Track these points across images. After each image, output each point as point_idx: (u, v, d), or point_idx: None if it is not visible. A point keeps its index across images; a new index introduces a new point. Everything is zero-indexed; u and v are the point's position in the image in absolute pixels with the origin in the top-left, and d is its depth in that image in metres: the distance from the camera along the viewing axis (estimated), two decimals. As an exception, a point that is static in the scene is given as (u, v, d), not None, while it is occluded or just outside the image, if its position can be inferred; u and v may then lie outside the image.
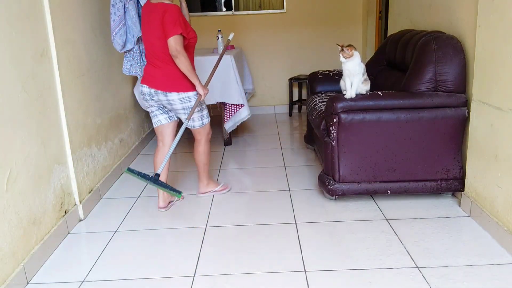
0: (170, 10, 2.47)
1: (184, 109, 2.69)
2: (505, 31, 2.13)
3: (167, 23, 2.46)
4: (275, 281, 2.03)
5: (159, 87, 2.62)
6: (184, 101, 2.66)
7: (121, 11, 3.00)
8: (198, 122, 2.79)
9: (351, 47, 2.66)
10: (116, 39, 3.03)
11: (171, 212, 2.82)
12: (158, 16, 2.49)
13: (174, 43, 2.46)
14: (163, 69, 2.61)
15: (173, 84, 2.61)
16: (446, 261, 2.11)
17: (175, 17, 2.46)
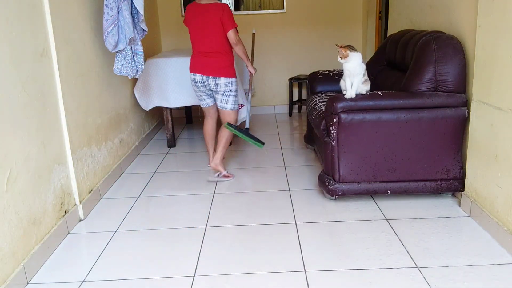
0: (227, 8, 3.09)
1: (225, 91, 3.22)
2: (505, 31, 2.13)
3: (226, 19, 3.04)
4: (275, 281, 2.03)
5: (211, 73, 3.16)
6: (228, 85, 3.20)
7: (114, 11, 3.00)
8: (230, 105, 3.28)
9: (347, 47, 2.66)
10: (108, 39, 3.03)
11: (171, 212, 2.82)
12: (216, 14, 3.04)
13: (234, 34, 3.07)
14: (216, 59, 3.15)
15: (222, 71, 3.16)
16: (446, 261, 2.11)
17: (231, 14, 3.09)
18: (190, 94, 4.07)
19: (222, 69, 3.16)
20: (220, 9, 3.05)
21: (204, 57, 3.17)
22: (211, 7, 3.06)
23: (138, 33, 3.27)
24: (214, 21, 3.05)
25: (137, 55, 3.31)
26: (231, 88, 3.22)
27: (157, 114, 4.88)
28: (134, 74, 3.33)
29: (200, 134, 4.76)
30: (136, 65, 3.32)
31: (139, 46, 3.30)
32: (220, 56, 3.16)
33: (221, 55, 3.15)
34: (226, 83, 3.18)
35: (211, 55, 3.14)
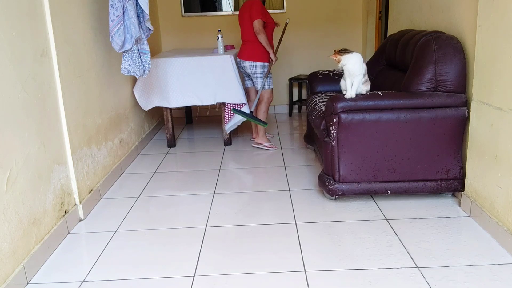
0: (256, 2, 3.79)
1: (252, 73, 3.95)
2: (505, 31, 2.13)
3: (253, 12, 3.75)
4: (275, 281, 2.03)
5: (241, 57, 3.94)
6: (252, 68, 3.90)
7: (120, 11, 3.00)
8: (260, 85, 3.96)
9: (338, 53, 2.68)
10: (115, 39, 3.03)
11: (171, 212, 2.82)
12: (248, 8, 3.80)
13: (257, 24, 3.73)
14: (246, 45, 3.91)
15: (247, 55, 3.89)
16: (446, 261, 2.11)
17: (259, 8, 3.75)
18: (190, 94, 4.07)
19: (247, 54, 3.88)
20: (250, 4, 3.78)
21: (242, 44, 3.99)
22: (247, 3, 3.84)
23: (144, 32, 3.26)
24: (246, 15, 3.81)
25: (144, 54, 3.31)
26: (256, 71, 3.89)
27: (157, 114, 4.88)
28: (141, 73, 3.32)
29: (200, 134, 4.76)
30: (143, 64, 3.32)
31: (146, 46, 3.29)
32: (248, 44, 3.88)
33: (250, 43, 3.86)
34: (250, 66, 3.89)
35: (244, 42, 3.92)
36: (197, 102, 4.09)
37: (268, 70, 3.91)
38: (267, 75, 3.94)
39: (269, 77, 3.95)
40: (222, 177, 3.39)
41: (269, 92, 4.02)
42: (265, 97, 4.00)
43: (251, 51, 3.86)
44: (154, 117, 4.78)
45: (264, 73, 3.89)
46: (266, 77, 3.92)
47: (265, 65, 3.88)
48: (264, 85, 3.94)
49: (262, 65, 3.88)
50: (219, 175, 3.45)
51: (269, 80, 3.97)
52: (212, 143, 4.36)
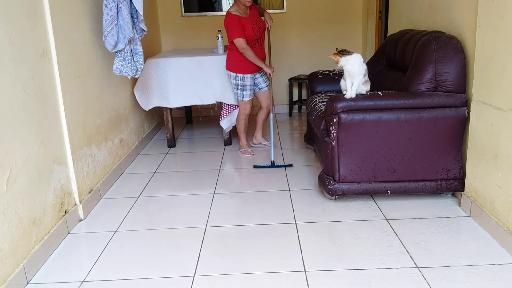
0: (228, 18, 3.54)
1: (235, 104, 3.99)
2: (505, 31, 2.13)
3: (228, 30, 3.55)
4: (275, 281, 2.03)
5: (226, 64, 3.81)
6: (228, 77, 3.80)
7: (114, 11, 3.00)
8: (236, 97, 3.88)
9: (337, 54, 2.68)
10: (108, 39, 3.03)
11: (171, 212, 2.82)
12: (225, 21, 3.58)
13: (238, 44, 3.52)
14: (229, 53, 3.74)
15: (227, 64, 3.75)
16: (446, 261, 2.11)
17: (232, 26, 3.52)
18: (190, 94, 4.07)
19: (228, 61, 3.73)
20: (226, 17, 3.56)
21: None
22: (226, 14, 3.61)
23: (137, 33, 3.27)
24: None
25: (137, 55, 3.31)
26: (231, 81, 3.76)
27: (157, 114, 4.88)
28: (133, 74, 3.32)
29: (200, 134, 4.76)
30: (135, 65, 3.32)
31: (139, 46, 3.29)
32: (230, 51, 3.72)
33: (231, 51, 3.70)
34: (228, 75, 3.80)
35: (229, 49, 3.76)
36: (197, 101, 4.09)
37: (270, 81, 3.82)
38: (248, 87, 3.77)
39: (244, 88, 3.75)
40: (222, 177, 3.39)
41: (242, 104, 3.85)
42: (240, 108, 3.86)
43: (228, 58, 3.73)
44: (154, 117, 4.78)
45: (237, 85, 3.73)
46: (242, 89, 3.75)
47: (238, 76, 3.69)
48: (237, 96, 3.82)
49: (234, 76, 3.71)
50: (219, 175, 3.45)
51: (243, 93, 3.77)
52: (212, 143, 4.36)
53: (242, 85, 3.71)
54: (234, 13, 3.51)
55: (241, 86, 3.72)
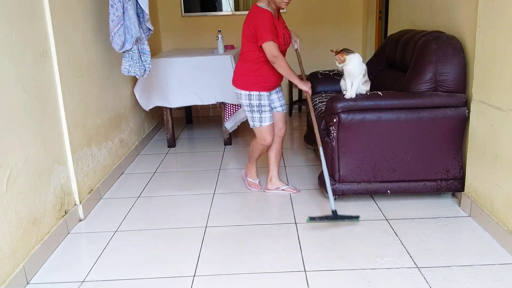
0: (260, 15, 2.61)
1: (240, 104, 2.97)
2: (505, 31, 2.13)
3: (257, 30, 2.61)
4: (275, 281, 2.03)
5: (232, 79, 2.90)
6: (238, 97, 2.85)
7: (120, 11, 3.00)
8: (249, 122, 2.91)
9: (343, 52, 2.66)
10: (115, 39, 3.03)
11: (171, 212, 2.82)
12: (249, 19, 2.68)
13: (268, 49, 2.60)
14: (237, 64, 2.86)
15: (235, 79, 2.84)
16: (446, 261, 2.11)
17: (264, 24, 2.59)
18: (190, 94, 4.07)
19: (236, 76, 2.83)
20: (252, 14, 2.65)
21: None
22: (251, 10, 2.69)
23: (144, 33, 3.26)
24: (245, 25, 2.71)
25: (144, 55, 3.31)
26: (242, 102, 2.81)
27: (157, 114, 4.88)
28: (142, 73, 3.32)
29: (200, 134, 4.76)
30: (143, 64, 3.32)
31: (146, 46, 3.29)
32: (239, 63, 2.83)
33: (240, 62, 2.81)
34: (236, 94, 2.84)
35: (238, 60, 2.85)
36: (197, 101, 4.09)
37: (308, 101, 2.84)
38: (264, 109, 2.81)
39: (261, 109, 2.79)
40: (222, 177, 3.39)
41: (259, 132, 2.85)
42: (257, 136, 2.90)
43: (237, 72, 2.82)
44: (154, 117, 4.78)
45: (251, 106, 2.78)
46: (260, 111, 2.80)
47: (252, 95, 2.75)
48: (252, 121, 2.84)
49: (247, 95, 2.76)
50: (219, 175, 3.45)
51: (260, 117, 2.81)
52: (212, 143, 4.36)
53: (259, 106, 2.78)
54: (267, 9, 2.64)
55: (257, 107, 2.78)
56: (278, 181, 3.06)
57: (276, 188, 3.05)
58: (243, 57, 2.77)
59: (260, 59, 2.71)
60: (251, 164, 3.10)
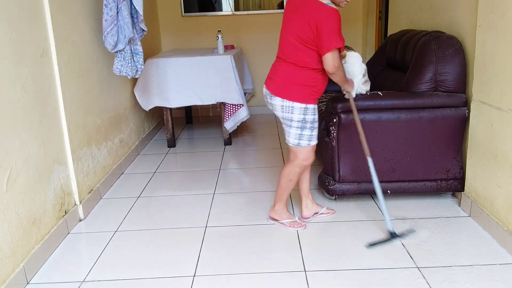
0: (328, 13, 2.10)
1: (283, 119, 2.36)
2: (505, 31, 2.13)
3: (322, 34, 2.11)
4: (275, 281, 2.03)
5: (270, 87, 2.34)
6: (286, 110, 2.31)
7: (114, 11, 3.00)
8: (293, 139, 2.36)
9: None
10: (108, 39, 3.03)
11: (171, 212, 2.82)
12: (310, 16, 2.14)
13: (331, 60, 2.16)
14: (282, 68, 2.30)
15: (282, 88, 2.29)
16: (446, 261, 2.11)
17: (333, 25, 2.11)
18: (191, 94, 4.07)
19: (284, 85, 2.29)
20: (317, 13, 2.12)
21: (275, 64, 2.37)
22: (309, 3, 2.16)
23: (137, 33, 3.27)
24: (303, 21, 2.17)
25: (137, 55, 3.31)
26: (291, 116, 2.30)
27: (157, 114, 4.88)
28: (133, 74, 3.33)
29: (200, 134, 4.76)
30: (135, 65, 3.32)
31: (139, 46, 3.30)
32: (289, 68, 2.28)
33: (292, 67, 2.27)
34: (282, 107, 2.30)
35: (281, 62, 2.32)
36: (197, 102, 4.09)
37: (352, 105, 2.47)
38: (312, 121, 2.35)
39: (304, 127, 2.33)
40: (222, 177, 3.39)
41: (305, 151, 2.39)
42: (299, 157, 2.40)
43: (287, 82, 2.28)
44: (154, 117, 4.78)
45: (305, 122, 2.32)
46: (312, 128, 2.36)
47: (308, 109, 2.30)
48: (299, 139, 2.36)
49: (303, 109, 2.29)
50: (219, 175, 3.45)
51: (311, 134, 2.36)
52: (212, 143, 4.36)
53: (312, 122, 2.34)
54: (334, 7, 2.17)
55: (311, 123, 2.33)
56: (314, 204, 2.66)
57: (314, 213, 2.64)
58: (294, 60, 2.25)
59: (318, 65, 2.25)
60: (283, 202, 2.54)
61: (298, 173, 2.45)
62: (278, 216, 2.55)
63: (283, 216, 2.55)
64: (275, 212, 2.56)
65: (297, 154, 2.39)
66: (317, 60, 2.22)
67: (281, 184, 2.49)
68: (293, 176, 2.45)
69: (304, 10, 2.17)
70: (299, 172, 2.45)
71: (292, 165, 2.43)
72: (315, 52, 2.20)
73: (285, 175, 2.46)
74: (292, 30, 2.23)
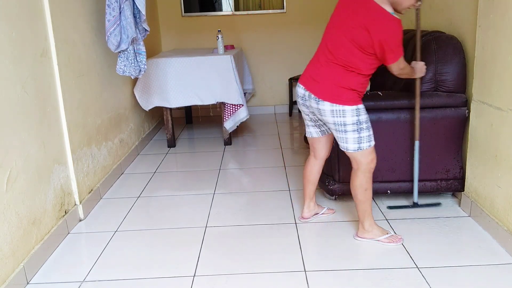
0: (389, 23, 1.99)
1: (335, 125, 2.18)
2: (505, 31, 2.13)
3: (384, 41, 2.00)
4: (275, 281, 2.03)
5: (315, 90, 2.17)
6: (337, 114, 2.15)
7: (116, 11, 3.01)
8: (352, 144, 2.20)
9: None
10: (111, 39, 3.04)
11: (171, 212, 2.82)
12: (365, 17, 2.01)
13: (397, 68, 2.14)
14: (329, 70, 2.14)
15: (331, 92, 2.13)
16: (446, 261, 2.11)
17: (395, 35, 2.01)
18: (190, 94, 4.07)
19: (332, 89, 2.13)
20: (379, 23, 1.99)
21: (319, 65, 2.20)
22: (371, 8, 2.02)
23: (140, 33, 3.27)
24: (361, 26, 2.02)
25: (140, 55, 3.31)
26: (344, 120, 2.15)
27: (157, 114, 4.88)
28: (137, 74, 3.32)
29: (200, 134, 4.76)
30: (138, 64, 3.32)
31: (142, 46, 3.30)
32: (335, 70, 2.13)
33: (341, 71, 2.12)
34: (333, 111, 2.14)
35: (329, 64, 2.15)
36: (197, 101, 4.09)
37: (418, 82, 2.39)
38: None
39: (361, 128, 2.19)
40: (222, 177, 3.39)
41: (368, 154, 2.24)
42: (363, 162, 2.24)
43: (336, 86, 2.13)
44: (154, 117, 4.78)
45: (360, 123, 2.17)
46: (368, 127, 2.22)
47: (360, 109, 2.16)
48: (359, 142, 2.20)
49: (355, 110, 2.14)
50: (219, 175, 3.45)
51: (369, 134, 2.22)
52: (212, 143, 4.36)
53: (367, 120, 2.21)
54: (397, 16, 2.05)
55: (365, 122, 2.20)
56: (315, 205, 2.64)
57: (314, 214, 2.62)
58: (345, 63, 2.10)
59: (369, 72, 2.17)
60: (369, 217, 2.33)
61: (370, 178, 2.27)
62: (371, 234, 2.32)
63: (376, 233, 2.32)
64: (366, 231, 2.33)
65: (360, 159, 2.22)
66: (370, 67, 2.13)
67: (358, 198, 2.29)
68: (367, 184, 2.26)
69: (362, 13, 2.02)
70: (370, 177, 2.27)
71: (360, 173, 2.25)
72: (370, 59, 2.10)
73: (357, 187, 2.26)
74: (346, 32, 2.08)
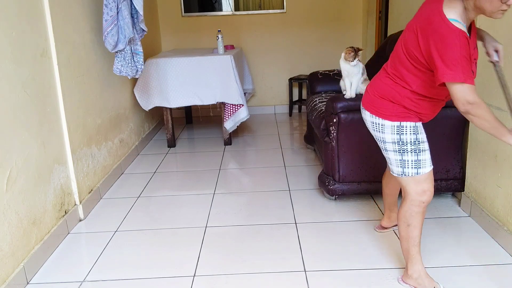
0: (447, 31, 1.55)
1: (377, 139, 1.93)
2: (505, 31, 2.13)
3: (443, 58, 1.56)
4: (275, 281, 2.03)
5: (363, 99, 1.96)
6: (377, 128, 1.87)
7: (114, 11, 3.00)
8: (396, 168, 1.87)
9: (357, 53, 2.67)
10: (108, 39, 3.03)
11: (171, 212, 2.82)
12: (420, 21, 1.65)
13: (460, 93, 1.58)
14: (379, 79, 1.88)
15: (372, 102, 1.88)
16: (446, 261, 2.11)
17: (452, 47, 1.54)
18: (190, 94, 4.07)
19: (375, 99, 1.86)
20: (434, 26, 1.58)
21: (376, 75, 1.95)
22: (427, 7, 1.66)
23: (137, 33, 3.27)
24: (412, 28, 1.69)
25: (137, 55, 3.32)
26: (383, 137, 1.86)
27: (157, 114, 4.88)
28: (133, 74, 3.33)
29: (200, 134, 4.76)
30: (135, 65, 3.32)
31: (139, 46, 3.30)
32: (385, 80, 1.83)
33: (388, 81, 1.82)
34: (373, 123, 1.89)
35: (380, 73, 1.91)
36: (197, 101, 4.09)
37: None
38: None
39: (419, 147, 1.85)
40: (222, 177, 3.39)
41: (416, 183, 1.84)
42: (410, 192, 1.85)
43: (378, 96, 1.85)
44: (154, 117, 4.78)
45: (403, 144, 1.83)
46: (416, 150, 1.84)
47: (403, 127, 1.82)
48: (403, 166, 1.84)
49: (396, 127, 1.82)
50: (219, 175, 3.45)
51: (419, 159, 1.84)
52: (212, 143, 4.36)
53: (415, 142, 1.85)
54: (461, 27, 1.56)
55: (412, 143, 1.84)
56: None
57: (394, 225, 2.42)
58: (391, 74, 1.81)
59: (421, 90, 1.76)
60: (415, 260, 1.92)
61: (417, 214, 1.85)
62: (416, 283, 1.91)
63: (424, 284, 1.90)
64: (410, 277, 1.93)
65: (405, 187, 1.86)
66: (422, 83, 1.73)
67: (402, 235, 1.92)
68: (411, 219, 1.86)
69: (419, 14, 1.69)
70: (418, 213, 1.85)
71: (406, 203, 1.86)
72: (419, 72, 1.71)
73: (400, 218, 1.90)
74: (402, 37, 1.77)
